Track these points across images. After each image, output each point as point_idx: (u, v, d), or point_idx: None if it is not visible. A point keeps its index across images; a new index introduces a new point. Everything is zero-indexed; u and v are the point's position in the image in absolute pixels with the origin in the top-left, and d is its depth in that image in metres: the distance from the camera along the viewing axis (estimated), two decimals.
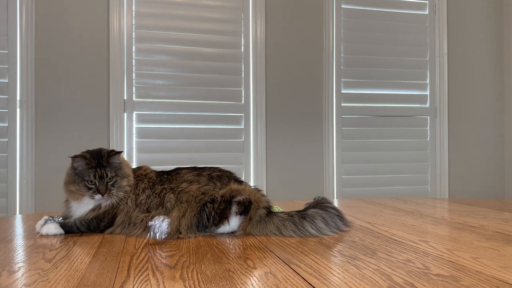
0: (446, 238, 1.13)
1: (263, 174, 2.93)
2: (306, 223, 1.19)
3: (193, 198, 1.20)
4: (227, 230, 1.21)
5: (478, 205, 1.75)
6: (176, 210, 1.18)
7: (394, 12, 3.22)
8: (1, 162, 2.56)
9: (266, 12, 2.97)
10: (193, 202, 1.20)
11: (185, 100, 2.85)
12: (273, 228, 1.19)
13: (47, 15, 2.65)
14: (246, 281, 0.77)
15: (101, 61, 2.72)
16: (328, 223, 1.21)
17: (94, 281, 0.78)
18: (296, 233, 1.18)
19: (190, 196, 1.20)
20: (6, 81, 2.57)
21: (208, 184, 1.24)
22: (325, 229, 1.20)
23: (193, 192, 1.21)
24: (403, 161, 3.21)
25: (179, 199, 1.20)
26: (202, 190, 1.22)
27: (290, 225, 1.19)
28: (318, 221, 1.20)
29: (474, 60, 3.36)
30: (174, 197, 1.21)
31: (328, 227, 1.20)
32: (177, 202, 1.20)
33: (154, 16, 2.80)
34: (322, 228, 1.19)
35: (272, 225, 1.20)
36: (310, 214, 1.21)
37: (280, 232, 1.18)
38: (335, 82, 3.08)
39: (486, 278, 0.77)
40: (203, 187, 1.23)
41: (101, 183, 1.20)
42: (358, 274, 0.80)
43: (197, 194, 1.21)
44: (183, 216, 1.18)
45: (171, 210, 1.18)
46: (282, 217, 1.21)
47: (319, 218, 1.21)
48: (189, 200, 1.20)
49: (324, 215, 1.22)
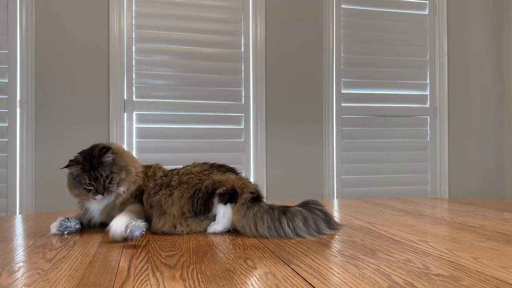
0: (446, 238, 1.13)
1: (263, 174, 2.93)
2: (284, 220, 1.13)
3: (191, 180, 1.26)
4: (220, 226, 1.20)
5: (478, 205, 1.75)
6: (177, 190, 1.24)
7: (394, 12, 3.22)
8: (1, 162, 2.56)
9: (266, 12, 2.97)
10: (190, 183, 1.25)
11: (185, 100, 2.85)
12: (250, 218, 1.15)
13: (47, 15, 2.65)
14: (246, 281, 0.77)
15: (101, 61, 2.72)
16: (308, 224, 1.15)
17: (94, 281, 0.78)
18: (271, 230, 1.13)
19: (190, 178, 1.27)
20: (6, 81, 2.57)
21: (208, 170, 1.30)
22: (302, 229, 1.13)
23: (193, 175, 1.28)
24: (403, 161, 3.21)
25: (181, 180, 1.27)
26: (201, 175, 1.28)
27: (268, 220, 1.14)
28: (298, 220, 1.14)
29: (474, 60, 3.36)
30: (178, 178, 1.28)
31: (306, 228, 1.14)
32: (180, 183, 1.26)
33: (154, 16, 2.80)
34: (299, 228, 1.13)
35: (250, 213, 1.15)
36: (292, 211, 1.16)
37: (255, 226, 1.14)
38: (335, 82, 3.08)
39: (486, 278, 0.77)
40: (203, 171, 1.29)
41: (98, 183, 1.21)
42: (358, 274, 0.80)
43: (195, 177, 1.27)
44: (182, 197, 1.23)
45: (174, 189, 1.25)
46: (263, 207, 1.17)
47: (300, 217, 1.15)
48: (188, 181, 1.26)
49: (307, 215, 1.16)
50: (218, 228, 1.21)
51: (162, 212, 1.22)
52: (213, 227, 1.21)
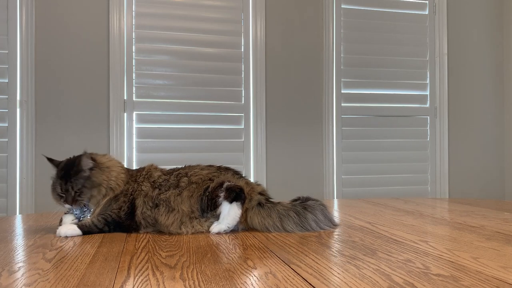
0: (446, 238, 1.13)
1: (263, 174, 2.93)
2: (308, 215, 1.21)
3: (202, 181, 1.28)
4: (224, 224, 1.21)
5: (478, 205, 1.75)
6: (186, 190, 1.26)
7: (394, 12, 3.22)
8: (1, 162, 2.56)
9: (266, 12, 2.97)
10: (201, 184, 1.28)
11: (185, 100, 2.85)
12: (275, 218, 1.21)
13: (47, 15, 2.65)
14: (246, 281, 0.77)
15: (101, 61, 2.72)
16: (326, 217, 1.25)
17: (94, 281, 0.78)
18: (298, 226, 1.20)
19: (199, 179, 1.29)
20: (6, 81, 2.57)
21: (216, 172, 1.33)
22: (323, 222, 1.22)
23: (203, 176, 1.30)
24: (403, 161, 3.21)
25: (190, 180, 1.29)
26: (210, 176, 1.30)
27: (294, 216, 1.21)
28: (318, 213, 1.23)
29: (474, 60, 3.36)
30: (187, 179, 1.29)
31: (325, 221, 1.23)
32: (189, 183, 1.28)
33: (154, 16, 2.80)
34: (320, 221, 1.22)
35: (275, 214, 1.22)
36: (310, 205, 1.24)
37: (281, 224, 1.20)
38: (335, 82, 3.08)
39: (486, 278, 0.77)
40: (212, 173, 1.31)
41: (68, 195, 1.23)
42: (358, 274, 0.80)
43: (205, 178, 1.29)
44: (192, 196, 1.25)
45: (183, 190, 1.26)
46: (285, 206, 1.24)
47: (319, 210, 1.24)
48: (198, 182, 1.28)
49: (322, 207, 1.26)
50: (222, 227, 1.21)
51: (171, 209, 1.24)
52: (217, 227, 1.21)
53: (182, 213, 1.23)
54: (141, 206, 1.26)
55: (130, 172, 1.34)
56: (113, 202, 1.26)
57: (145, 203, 1.26)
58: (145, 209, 1.25)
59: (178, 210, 1.23)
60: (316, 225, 1.22)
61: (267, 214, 1.22)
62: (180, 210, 1.23)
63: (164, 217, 1.23)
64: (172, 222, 1.22)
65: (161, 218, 1.23)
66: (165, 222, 1.22)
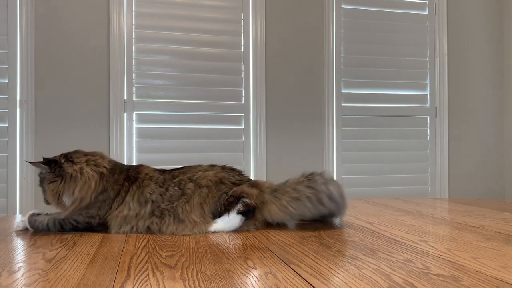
0: (446, 238, 1.13)
1: (263, 174, 2.93)
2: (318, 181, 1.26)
3: (213, 184, 1.23)
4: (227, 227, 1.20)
5: (478, 205, 1.75)
6: (196, 195, 1.20)
7: (394, 12, 3.22)
8: (1, 162, 2.56)
9: (266, 12, 2.97)
10: (213, 187, 1.23)
11: (185, 100, 2.85)
12: (290, 190, 1.25)
13: (47, 15, 2.65)
14: (246, 281, 0.77)
15: (101, 61, 2.72)
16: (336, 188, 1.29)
17: (94, 281, 0.78)
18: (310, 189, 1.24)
19: (209, 181, 1.23)
20: (6, 81, 2.57)
21: (222, 172, 1.28)
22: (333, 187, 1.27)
23: (211, 177, 1.24)
24: (403, 161, 3.21)
25: (199, 185, 1.22)
26: (219, 176, 1.25)
27: (305, 181, 1.27)
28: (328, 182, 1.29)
29: (474, 60, 3.36)
30: (193, 185, 1.22)
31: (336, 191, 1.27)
32: (196, 187, 1.22)
33: (154, 16, 2.80)
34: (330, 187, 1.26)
35: (288, 188, 1.27)
36: (314, 179, 1.29)
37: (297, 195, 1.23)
38: (335, 82, 3.08)
39: (486, 278, 0.77)
40: (219, 173, 1.26)
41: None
42: (358, 274, 0.80)
43: (216, 181, 1.24)
44: (205, 202, 1.20)
45: (191, 196, 1.20)
46: (294, 179, 1.31)
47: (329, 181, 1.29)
48: (209, 184, 1.23)
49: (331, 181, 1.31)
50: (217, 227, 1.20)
51: (180, 221, 1.18)
52: (213, 226, 1.21)
53: (194, 223, 1.17)
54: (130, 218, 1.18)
55: (114, 178, 1.23)
56: (83, 210, 1.21)
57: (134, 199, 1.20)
58: (141, 222, 1.18)
59: (189, 220, 1.17)
60: (325, 187, 1.25)
61: (281, 194, 1.25)
62: (191, 220, 1.17)
63: (170, 229, 1.17)
64: (182, 230, 1.18)
65: (168, 228, 1.17)
66: (174, 232, 1.18)
